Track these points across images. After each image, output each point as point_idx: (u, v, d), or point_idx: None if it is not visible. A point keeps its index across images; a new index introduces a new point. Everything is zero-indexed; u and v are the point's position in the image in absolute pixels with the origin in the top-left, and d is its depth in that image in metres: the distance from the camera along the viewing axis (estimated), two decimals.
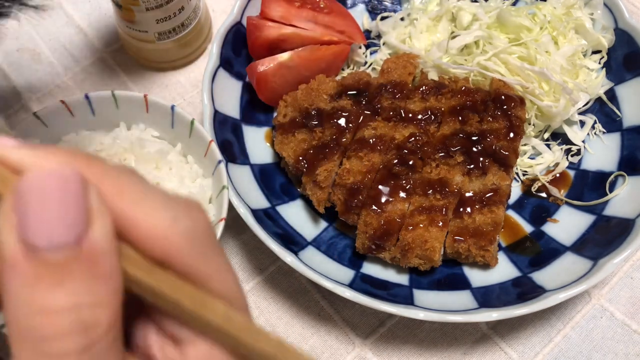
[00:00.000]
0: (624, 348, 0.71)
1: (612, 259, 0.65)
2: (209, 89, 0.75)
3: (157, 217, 0.24)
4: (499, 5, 0.85)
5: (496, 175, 0.71)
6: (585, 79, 0.81)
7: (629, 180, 0.74)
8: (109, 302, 0.22)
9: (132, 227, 0.24)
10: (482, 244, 0.68)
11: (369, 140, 0.73)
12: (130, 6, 0.77)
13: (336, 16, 0.85)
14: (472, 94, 0.76)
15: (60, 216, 0.21)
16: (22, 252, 0.21)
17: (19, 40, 0.92)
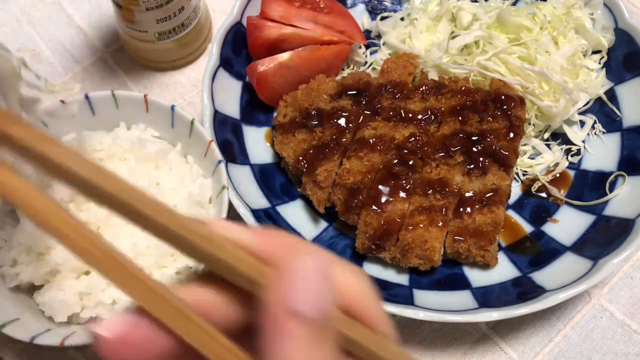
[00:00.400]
0: (624, 348, 0.71)
1: (612, 259, 0.65)
2: (209, 89, 0.75)
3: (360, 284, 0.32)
4: (499, 5, 0.85)
5: (496, 175, 0.71)
6: (585, 79, 0.81)
7: (629, 180, 0.74)
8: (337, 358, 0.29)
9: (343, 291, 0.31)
10: (482, 244, 0.68)
11: (369, 140, 0.73)
12: (130, 6, 0.77)
13: (336, 16, 0.85)
14: (472, 94, 0.76)
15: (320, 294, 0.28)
16: (293, 319, 0.27)
17: (19, 40, 0.92)
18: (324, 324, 0.28)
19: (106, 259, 0.28)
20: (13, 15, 0.94)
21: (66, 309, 0.60)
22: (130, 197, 0.28)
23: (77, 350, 0.70)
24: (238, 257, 0.29)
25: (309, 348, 0.28)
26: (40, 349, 0.70)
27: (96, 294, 0.60)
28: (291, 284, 0.28)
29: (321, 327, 0.28)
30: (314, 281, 0.28)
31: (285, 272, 0.29)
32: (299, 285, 0.28)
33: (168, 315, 0.28)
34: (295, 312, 0.27)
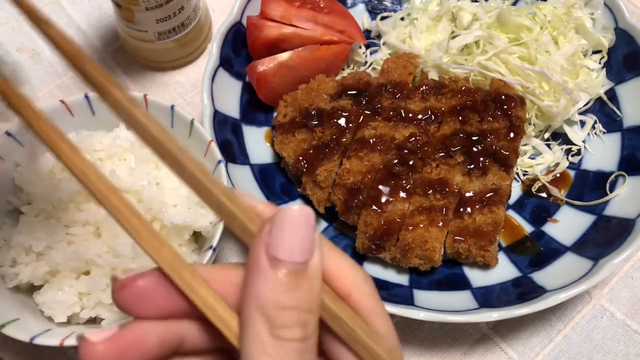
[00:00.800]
0: (625, 348, 0.71)
1: (612, 259, 0.65)
2: (208, 89, 0.75)
3: (344, 263, 0.34)
4: (499, 5, 0.85)
5: (496, 175, 0.71)
6: (585, 79, 0.81)
7: (629, 180, 0.74)
8: (316, 311, 0.31)
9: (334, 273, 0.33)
10: (482, 244, 0.68)
11: (369, 140, 0.73)
12: (130, 6, 0.76)
13: (336, 16, 0.84)
14: (472, 94, 0.75)
15: (300, 243, 0.31)
16: (269, 263, 0.30)
17: (19, 40, 0.92)
18: (303, 271, 0.30)
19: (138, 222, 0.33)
20: (13, 14, 0.94)
21: (66, 309, 0.60)
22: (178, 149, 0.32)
23: (76, 350, 0.70)
24: (249, 216, 0.32)
25: (280, 291, 0.30)
26: (40, 349, 0.70)
27: (96, 294, 0.60)
28: (273, 230, 0.31)
29: (299, 273, 0.30)
30: (296, 228, 0.31)
31: (272, 220, 0.31)
32: (279, 231, 0.30)
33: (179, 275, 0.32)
34: (273, 257, 0.30)
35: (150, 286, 0.32)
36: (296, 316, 0.30)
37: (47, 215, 0.63)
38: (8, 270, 0.62)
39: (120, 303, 0.32)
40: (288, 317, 0.30)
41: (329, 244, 0.34)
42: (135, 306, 0.32)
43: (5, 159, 0.66)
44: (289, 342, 0.30)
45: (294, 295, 0.30)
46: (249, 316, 0.30)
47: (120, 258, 0.60)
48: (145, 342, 0.32)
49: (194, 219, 0.63)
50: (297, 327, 0.30)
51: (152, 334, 0.32)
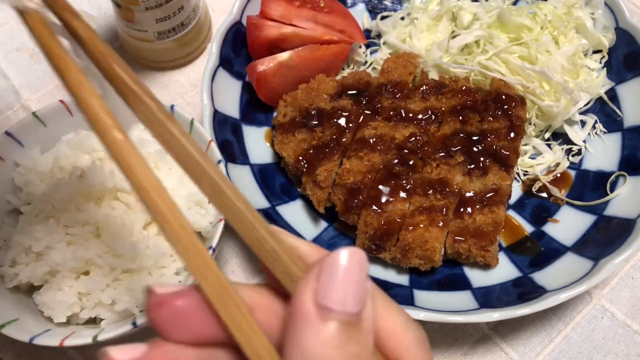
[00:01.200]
0: (625, 348, 0.71)
1: (612, 259, 0.65)
2: (208, 89, 0.75)
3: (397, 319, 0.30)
4: (499, 4, 0.85)
5: (497, 175, 0.71)
6: (586, 79, 0.81)
7: (630, 180, 0.74)
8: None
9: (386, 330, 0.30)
10: (483, 244, 0.68)
11: (369, 140, 0.73)
12: (129, 6, 0.76)
13: (336, 15, 0.84)
14: (472, 94, 0.75)
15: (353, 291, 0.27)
16: (317, 312, 0.26)
17: (19, 40, 0.92)
18: (355, 322, 0.27)
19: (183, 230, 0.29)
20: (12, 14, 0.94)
21: (65, 309, 0.60)
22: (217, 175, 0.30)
23: (76, 350, 0.70)
24: (291, 257, 0.29)
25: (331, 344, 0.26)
26: (40, 349, 0.69)
27: (95, 294, 0.60)
28: (322, 275, 0.27)
29: (351, 325, 0.27)
30: (348, 274, 0.27)
31: (320, 264, 0.28)
32: (330, 276, 0.27)
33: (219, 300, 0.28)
34: (323, 306, 0.27)
35: (189, 308, 0.29)
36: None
37: (47, 215, 0.63)
38: (8, 271, 0.62)
39: (156, 322, 0.29)
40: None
41: (381, 293, 0.31)
42: (170, 328, 0.29)
43: (5, 159, 0.66)
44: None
45: (345, 351, 0.27)
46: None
47: (120, 258, 0.60)
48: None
49: (194, 219, 0.63)
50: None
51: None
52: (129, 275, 0.61)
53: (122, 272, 0.61)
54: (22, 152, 0.67)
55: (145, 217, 0.62)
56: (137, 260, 0.60)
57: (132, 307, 0.60)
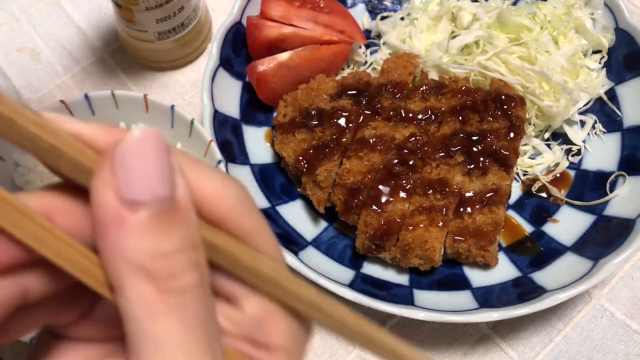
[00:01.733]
0: (625, 348, 0.71)
1: (612, 259, 0.65)
2: (208, 89, 0.75)
3: (212, 182, 0.27)
4: (499, 5, 0.85)
5: (496, 175, 0.71)
6: (585, 79, 0.81)
7: (630, 180, 0.74)
8: (200, 245, 0.25)
9: (203, 196, 0.27)
10: (483, 244, 0.68)
11: (369, 140, 0.73)
12: (130, 6, 0.76)
13: (336, 16, 0.84)
14: (472, 94, 0.75)
15: (158, 174, 0.24)
16: (127, 209, 0.23)
17: (19, 40, 0.92)
18: (168, 207, 0.24)
19: None
20: (12, 14, 0.94)
21: None
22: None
23: None
24: (76, 147, 0.25)
25: (151, 236, 0.23)
26: None
27: None
28: (119, 167, 0.24)
29: (166, 210, 0.24)
30: (147, 157, 0.24)
31: (112, 155, 0.24)
32: (127, 167, 0.24)
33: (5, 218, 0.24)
34: (129, 200, 0.23)
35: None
36: (183, 258, 0.24)
37: None
38: None
39: None
40: (173, 264, 0.24)
41: (189, 159, 0.27)
42: None
43: (5, 159, 0.66)
44: (186, 291, 0.24)
45: (172, 237, 0.24)
46: (123, 279, 0.24)
47: None
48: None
49: None
50: (189, 270, 0.24)
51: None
52: None
53: None
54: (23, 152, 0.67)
55: None
56: None
57: None
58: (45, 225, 0.24)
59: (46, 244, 0.24)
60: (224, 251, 0.27)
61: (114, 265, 0.24)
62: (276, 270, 0.28)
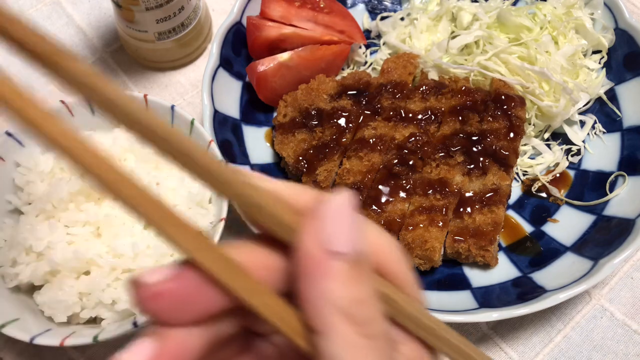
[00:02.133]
0: (624, 348, 0.71)
1: (612, 259, 0.65)
2: (208, 89, 0.75)
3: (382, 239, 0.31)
4: (499, 5, 0.85)
5: (496, 175, 0.71)
6: (585, 79, 0.81)
7: (629, 180, 0.74)
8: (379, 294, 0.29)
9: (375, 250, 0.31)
10: (482, 244, 0.68)
11: (369, 140, 0.73)
12: (130, 6, 0.76)
13: (336, 16, 0.84)
14: (472, 94, 0.75)
15: (355, 231, 0.28)
16: (331, 259, 0.27)
17: None
18: (361, 259, 0.28)
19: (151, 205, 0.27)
20: None
21: (66, 309, 0.60)
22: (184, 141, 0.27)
23: (76, 350, 0.70)
24: (276, 204, 0.29)
25: (351, 284, 0.27)
26: (40, 349, 0.70)
27: (96, 294, 0.60)
28: (323, 224, 0.28)
29: (359, 263, 0.28)
30: (345, 218, 0.28)
31: (317, 214, 0.28)
32: (331, 224, 0.28)
33: (219, 269, 0.27)
34: (331, 251, 0.27)
35: (189, 288, 0.27)
36: (374, 307, 0.28)
37: (47, 215, 0.63)
38: (8, 270, 0.62)
39: (157, 314, 0.27)
40: (368, 310, 0.28)
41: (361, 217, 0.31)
42: (174, 315, 0.27)
43: (5, 159, 0.66)
44: (379, 337, 0.28)
45: (364, 286, 0.28)
46: (327, 321, 0.27)
47: (120, 258, 0.60)
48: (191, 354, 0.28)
49: (194, 219, 0.63)
50: (379, 318, 0.28)
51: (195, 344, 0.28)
52: (129, 275, 0.61)
53: (122, 272, 0.61)
54: (23, 152, 0.68)
55: None
56: (137, 260, 0.60)
57: (133, 307, 0.60)
58: (249, 276, 0.28)
59: (251, 293, 0.28)
60: (390, 300, 0.30)
61: (320, 309, 0.27)
62: (432, 320, 0.31)
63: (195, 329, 0.28)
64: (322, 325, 0.27)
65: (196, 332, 0.28)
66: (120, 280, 0.61)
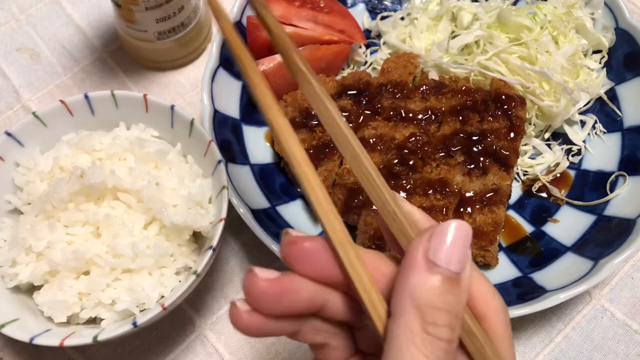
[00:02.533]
0: (625, 348, 0.71)
1: (612, 259, 0.65)
2: (208, 89, 0.75)
3: (488, 288, 0.37)
4: (499, 4, 0.85)
5: (497, 175, 0.71)
6: (585, 79, 0.81)
7: (630, 180, 0.74)
8: (461, 320, 0.33)
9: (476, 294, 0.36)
10: (483, 244, 0.68)
11: (369, 140, 0.73)
12: (129, 6, 0.76)
13: (336, 15, 0.84)
14: (472, 94, 0.75)
15: (458, 254, 0.33)
16: (428, 266, 0.33)
17: (19, 40, 0.92)
18: (455, 281, 0.33)
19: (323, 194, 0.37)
20: (12, 14, 0.94)
21: (65, 309, 0.60)
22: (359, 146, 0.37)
23: (76, 350, 0.70)
24: (408, 220, 0.36)
25: (435, 291, 0.32)
26: (40, 349, 0.70)
27: (96, 294, 0.60)
28: (434, 238, 0.33)
29: (452, 282, 0.33)
30: (455, 240, 0.33)
31: (432, 229, 0.34)
32: (440, 240, 0.33)
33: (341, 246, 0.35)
34: (432, 261, 0.33)
35: (315, 250, 0.36)
36: (447, 318, 0.32)
37: (47, 215, 0.63)
38: (8, 270, 0.62)
39: (286, 256, 0.36)
40: (439, 317, 0.32)
41: (477, 268, 0.37)
42: (298, 262, 0.36)
43: (5, 159, 0.66)
44: (438, 340, 0.32)
45: (446, 299, 0.32)
46: (403, 307, 0.32)
47: (120, 258, 0.60)
48: (299, 294, 0.35)
49: (194, 219, 0.63)
50: (446, 328, 0.32)
51: (305, 289, 0.35)
52: (129, 275, 0.61)
53: (122, 272, 0.61)
54: (23, 152, 0.68)
55: (146, 217, 0.62)
56: (137, 260, 0.60)
57: (132, 307, 0.60)
58: (361, 262, 0.35)
59: (356, 271, 0.35)
60: (476, 339, 0.34)
61: (401, 296, 0.33)
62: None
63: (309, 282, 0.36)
64: (396, 309, 0.33)
65: (308, 284, 0.36)
66: (119, 281, 0.61)
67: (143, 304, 0.60)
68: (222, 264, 0.76)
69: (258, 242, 0.68)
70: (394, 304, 0.33)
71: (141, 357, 0.70)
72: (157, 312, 0.57)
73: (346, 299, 0.37)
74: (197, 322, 0.72)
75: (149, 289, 0.60)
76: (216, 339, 0.71)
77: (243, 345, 0.71)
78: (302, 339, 0.38)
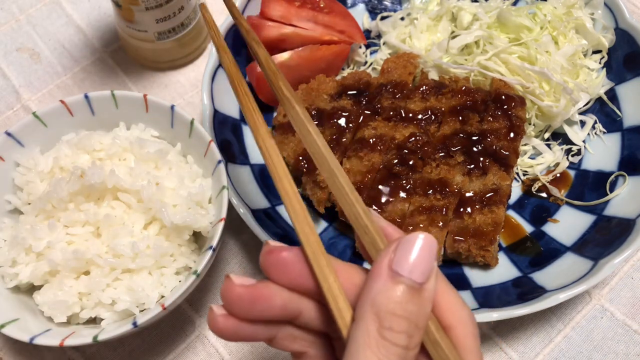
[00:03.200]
0: (625, 348, 0.71)
1: (612, 259, 0.65)
2: (208, 89, 0.75)
3: (455, 299, 0.38)
4: (499, 5, 0.85)
5: (496, 175, 0.71)
6: (585, 79, 0.81)
7: (630, 180, 0.74)
8: (422, 329, 0.35)
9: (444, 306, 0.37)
10: (483, 244, 0.68)
11: (369, 140, 0.73)
12: (129, 6, 0.76)
13: (336, 16, 0.84)
14: (472, 94, 0.75)
15: (421, 265, 0.34)
16: (392, 275, 0.34)
17: (19, 40, 0.92)
18: (417, 291, 0.34)
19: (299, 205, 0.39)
20: (12, 14, 0.94)
21: (65, 309, 0.60)
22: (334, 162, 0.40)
23: (76, 350, 0.70)
24: (379, 234, 0.37)
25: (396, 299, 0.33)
26: (40, 349, 0.70)
27: (96, 294, 0.60)
28: (399, 249, 0.35)
29: (414, 292, 0.34)
30: (420, 251, 0.35)
31: (399, 241, 0.35)
32: (405, 251, 0.35)
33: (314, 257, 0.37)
34: (395, 271, 0.34)
35: (291, 259, 0.37)
36: (405, 325, 0.33)
37: (47, 215, 0.63)
38: (8, 270, 0.62)
39: (263, 264, 0.38)
40: (397, 324, 0.33)
41: (445, 280, 0.38)
42: (273, 271, 0.37)
43: (5, 159, 0.66)
44: (393, 345, 0.33)
45: (405, 308, 0.34)
46: (363, 313, 0.34)
47: (120, 258, 0.60)
48: (272, 300, 0.37)
49: (194, 219, 0.63)
50: (403, 334, 0.33)
51: (279, 296, 0.37)
52: (129, 275, 0.61)
53: (122, 272, 0.61)
54: (23, 152, 0.68)
55: (145, 217, 0.62)
56: (137, 260, 0.60)
57: (132, 307, 0.60)
58: (332, 271, 0.37)
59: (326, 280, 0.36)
60: (441, 350, 0.35)
61: (363, 302, 0.34)
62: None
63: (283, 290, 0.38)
64: (358, 314, 0.34)
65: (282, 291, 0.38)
66: (119, 281, 0.61)
67: (143, 304, 0.60)
68: (222, 264, 0.76)
69: (258, 242, 0.68)
70: (357, 309, 0.35)
71: (141, 357, 0.70)
72: (157, 312, 0.57)
73: (321, 308, 0.39)
74: (197, 322, 0.72)
75: (149, 289, 0.60)
76: (216, 338, 0.71)
77: (243, 345, 0.71)
78: (280, 345, 0.40)
